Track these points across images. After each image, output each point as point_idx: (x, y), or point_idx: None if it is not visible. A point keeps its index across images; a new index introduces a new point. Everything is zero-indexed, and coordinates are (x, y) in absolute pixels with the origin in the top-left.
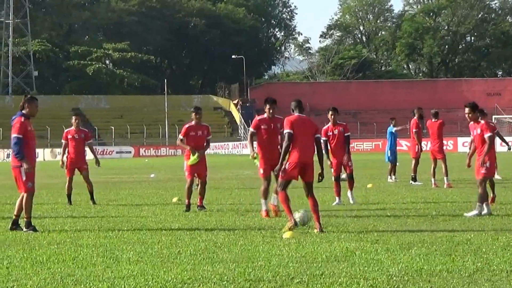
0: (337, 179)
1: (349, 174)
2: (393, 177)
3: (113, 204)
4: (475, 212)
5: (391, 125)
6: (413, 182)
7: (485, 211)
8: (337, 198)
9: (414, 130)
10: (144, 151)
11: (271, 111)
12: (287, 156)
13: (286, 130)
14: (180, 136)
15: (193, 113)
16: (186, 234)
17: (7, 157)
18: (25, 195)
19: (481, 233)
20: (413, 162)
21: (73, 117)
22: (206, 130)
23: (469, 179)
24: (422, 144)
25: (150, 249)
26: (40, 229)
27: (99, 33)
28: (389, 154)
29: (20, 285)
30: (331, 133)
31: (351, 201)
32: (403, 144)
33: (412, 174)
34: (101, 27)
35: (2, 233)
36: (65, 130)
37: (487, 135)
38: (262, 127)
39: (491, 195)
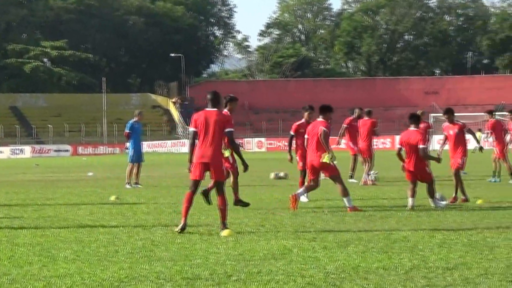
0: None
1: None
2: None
3: (50, 202)
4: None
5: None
6: (349, 180)
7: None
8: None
9: (344, 126)
10: (82, 150)
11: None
12: (193, 155)
13: (190, 128)
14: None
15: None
16: (124, 233)
17: None
18: None
19: (417, 231)
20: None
21: None
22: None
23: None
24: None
25: (87, 248)
26: None
27: (37, 31)
28: None
29: None
30: (303, 130)
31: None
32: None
33: (351, 172)
34: (39, 25)
35: None
36: None
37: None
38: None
39: (453, 195)
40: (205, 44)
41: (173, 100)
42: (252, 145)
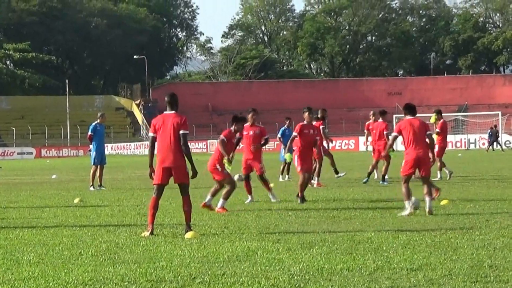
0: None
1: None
2: (286, 176)
3: (14, 205)
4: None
5: (285, 125)
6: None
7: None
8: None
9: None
10: (46, 152)
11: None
12: (152, 160)
13: (150, 134)
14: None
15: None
16: (88, 235)
17: None
18: None
19: (381, 232)
20: (317, 164)
21: None
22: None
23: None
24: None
25: (51, 251)
26: None
27: None
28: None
29: None
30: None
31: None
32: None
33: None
34: (1, 27)
35: None
36: None
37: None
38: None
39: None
40: (168, 46)
41: (137, 102)
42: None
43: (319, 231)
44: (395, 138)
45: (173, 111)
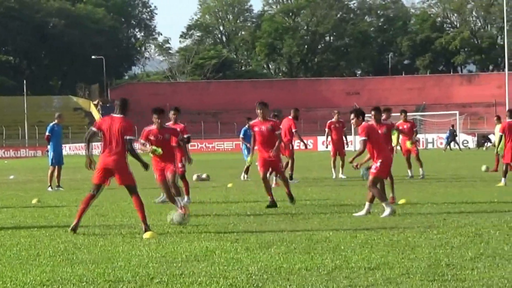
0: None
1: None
2: (245, 175)
3: None
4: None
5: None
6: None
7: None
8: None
9: (293, 130)
10: (3, 153)
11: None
12: (89, 151)
13: (92, 128)
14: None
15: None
16: (45, 236)
17: None
18: None
19: (339, 231)
20: (290, 161)
21: None
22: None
23: (329, 177)
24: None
25: (8, 251)
26: None
27: None
28: (246, 153)
29: None
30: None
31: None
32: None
33: (289, 172)
34: None
35: None
36: None
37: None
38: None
39: (391, 195)
40: (127, 46)
41: (95, 102)
42: None
43: (277, 231)
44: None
45: (121, 115)
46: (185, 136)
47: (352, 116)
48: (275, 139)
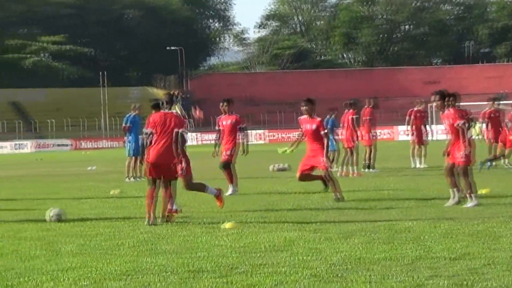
0: None
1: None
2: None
3: (53, 197)
4: (473, 203)
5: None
6: (370, 170)
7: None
8: None
9: (368, 118)
10: (83, 144)
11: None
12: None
13: (148, 129)
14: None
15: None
16: (127, 226)
17: None
18: None
19: (420, 221)
20: (367, 150)
21: None
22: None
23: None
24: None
25: (90, 241)
26: None
27: (35, 26)
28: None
29: None
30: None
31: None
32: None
33: (367, 162)
34: (37, 20)
35: None
36: None
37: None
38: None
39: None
40: (203, 36)
41: (175, 92)
42: (252, 137)
43: (358, 221)
44: None
45: (170, 111)
46: (241, 126)
47: (437, 98)
48: (321, 138)
